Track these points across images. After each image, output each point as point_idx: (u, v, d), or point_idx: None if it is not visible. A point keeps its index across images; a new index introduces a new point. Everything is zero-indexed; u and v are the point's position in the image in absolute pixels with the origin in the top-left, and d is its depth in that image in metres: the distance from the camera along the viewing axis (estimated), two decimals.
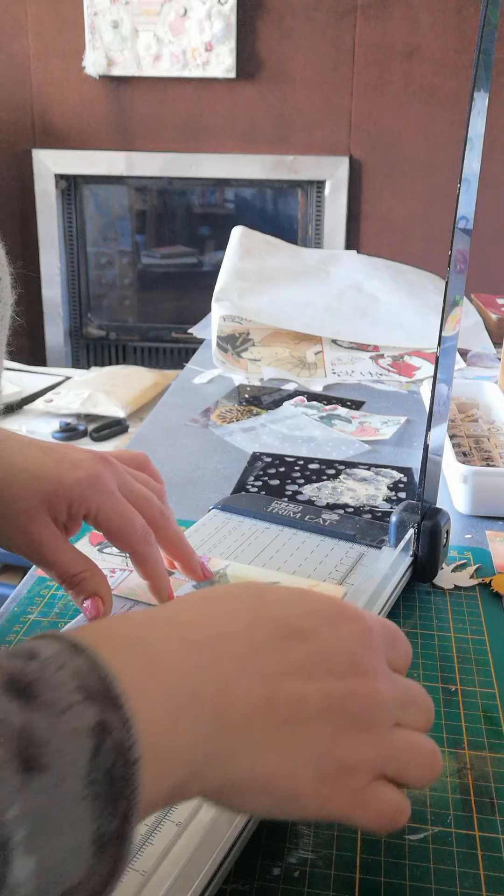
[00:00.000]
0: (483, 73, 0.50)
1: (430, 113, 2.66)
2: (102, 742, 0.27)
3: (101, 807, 0.27)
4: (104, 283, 3.11)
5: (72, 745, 0.26)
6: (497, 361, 1.22)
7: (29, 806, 0.25)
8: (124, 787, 0.27)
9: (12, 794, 0.25)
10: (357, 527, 0.68)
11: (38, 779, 0.25)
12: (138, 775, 0.28)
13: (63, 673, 0.28)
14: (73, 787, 0.26)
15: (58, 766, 0.26)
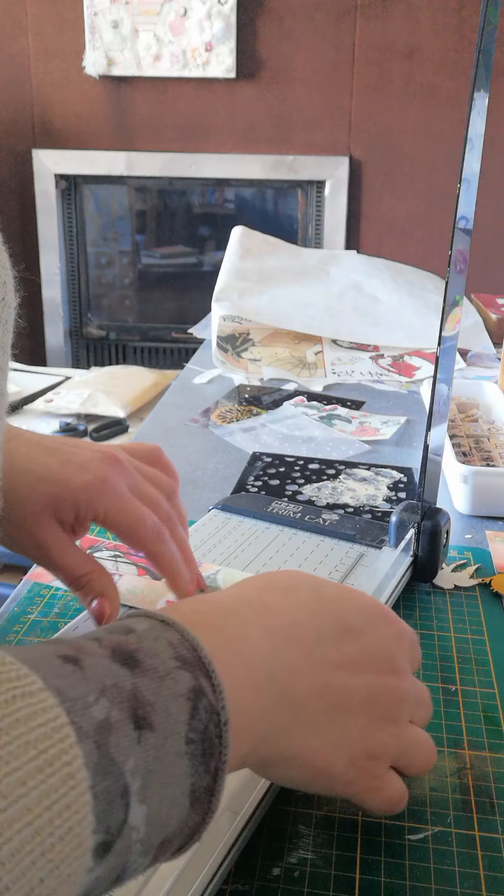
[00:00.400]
0: (483, 73, 0.50)
1: (430, 113, 2.66)
2: (197, 705, 0.30)
3: (196, 763, 0.30)
4: (104, 283, 3.11)
5: (174, 707, 0.29)
6: (497, 361, 1.22)
7: (142, 760, 0.28)
8: (215, 747, 0.30)
9: (129, 748, 0.28)
10: (357, 527, 0.68)
11: (147, 736, 0.28)
12: (227, 736, 0.31)
13: (159, 643, 0.31)
14: (175, 745, 0.29)
15: (163, 726, 0.29)
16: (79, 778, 0.26)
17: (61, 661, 0.28)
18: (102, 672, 0.29)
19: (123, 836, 0.27)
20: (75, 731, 0.26)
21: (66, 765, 0.25)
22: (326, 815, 0.43)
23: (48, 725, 0.26)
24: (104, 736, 0.27)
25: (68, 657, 0.28)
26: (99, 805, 0.26)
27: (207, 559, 0.63)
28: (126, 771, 0.27)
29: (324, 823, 0.42)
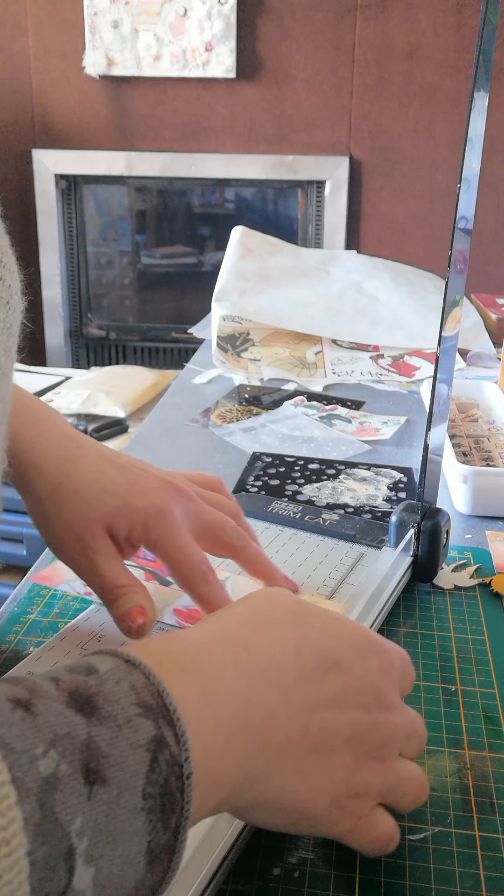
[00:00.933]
0: (483, 73, 0.50)
1: (430, 113, 2.66)
2: (158, 756, 0.28)
3: (154, 820, 0.28)
4: (104, 283, 3.11)
5: (131, 759, 0.28)
6: (497, 361, 1.22)
7: (91, 818, 0.26)
8: (177, 802, 0.29)
9: (77, 806, 0.26)
10: (357, 527, 0.68)
11: (99, 792, 0.26)
12: (189, 790, 0.29)
13: (121, 687, 0.29)
14: (131, 800, 0.27)
15: (118, 780, 0.27)
16: (14, 844, 0.24)
17: (12, 705, 0.27)
18: (55, 720, 0.27)
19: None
20: (16, 789, 0.24)
21: (1, 829, 0.24)
22: None
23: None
24: (49, 794, 0.25)
25: (20, 701, 0.27)
26: (36, 873, 0.24)
27: None
28: (72, 831, 0.25)
29: None
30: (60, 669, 0.30)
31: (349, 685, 0.37)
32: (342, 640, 0.39)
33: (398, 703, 0.40)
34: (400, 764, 0.39)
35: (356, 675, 0.38)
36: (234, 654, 0.35)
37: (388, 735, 0.38)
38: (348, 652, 0.38)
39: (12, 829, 0.24)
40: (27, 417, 0.53)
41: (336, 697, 0.37)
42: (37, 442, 0.52)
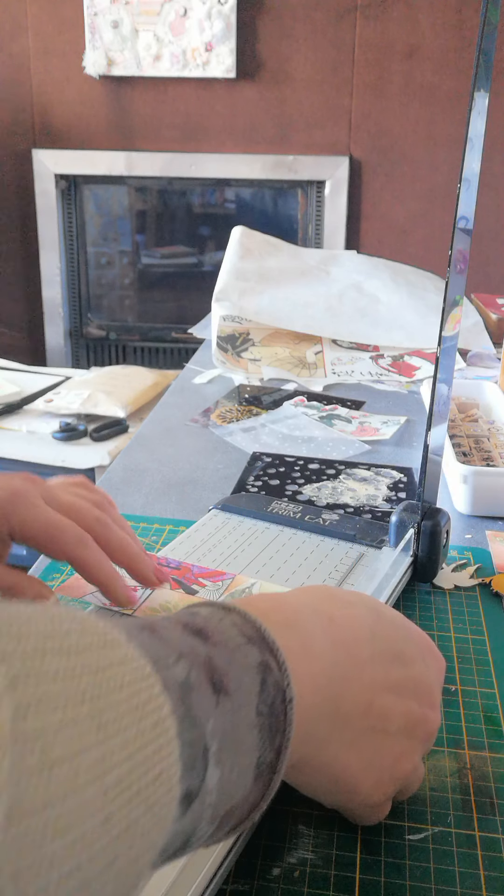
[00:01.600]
0: (483, 73, 0.50)
1: (430, 113, 2.66)
2: (266, 678, 0.31)
3: (263, 737, 0.30)
4: (104, 283, 3.11)
5: (246, 678, 0.30)
6: (497, 361, 1.22)
7: (219, 723, 0.28)
8: (281, 723, 0.31)
9: (209, 709, 0.28)
10: (357, 527, 0.68)
11: (224, 701, 0.29)
12: (292, 714, 0.32)
13: (224, 623, 0.32)
14: (248, 715, 0.30)
15: (237, 695, 0.29)
16: (167, 724, 0.26)
17: (138, 628, 0.29)
18: (178, 639, 0.29)
19: (201, 794, 0.27)
20: (161, 682, 0.26)
21: (155, 710, 0.25)
22: (326, 815, 0.43)
23: (136, 672, 0.26)
24: (187, 694, 0.27)
25: (144, 625, 0.29)
26: (185, 754, 0.26)
27: (207, 559, 0.63)
28: (206, 731, 0.28)
29: (324, 823, 0.42)
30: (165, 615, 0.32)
31: (410, 677, 0.40)
32: (409, 636, 0.42)
33: (440, 707, 0.43)
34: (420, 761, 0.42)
35: (417, 670, 0.41)
36: (321, 622, 0.37)
37: (431, 733, 0.41)
38: (413, 648, 0.41)
39: (164, 711, 0.26)
40: None
41: (398, 685, 0.39)
42: None
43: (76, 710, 0.23)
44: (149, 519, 0.74)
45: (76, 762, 0.22)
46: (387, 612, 0.42)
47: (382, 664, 0.39)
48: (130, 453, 0.90)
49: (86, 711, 0.23)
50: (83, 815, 0.22)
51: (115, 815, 0.23)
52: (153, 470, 0.86)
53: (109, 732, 0.24)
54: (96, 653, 0.25)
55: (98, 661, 0.25)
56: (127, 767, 0.24)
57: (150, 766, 0.25)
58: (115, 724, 0.24)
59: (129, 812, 0.24)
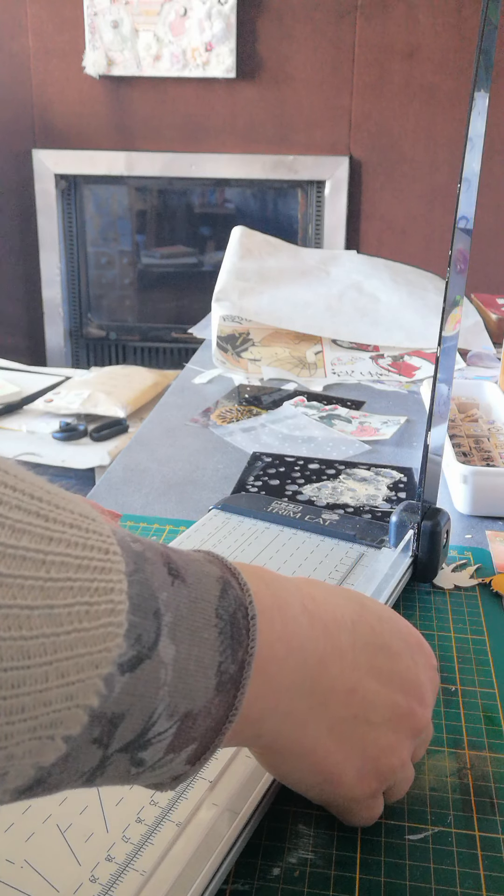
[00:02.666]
0: (483, 73, 0.50)
1: (430, 113, 2.66)
2: (227, 589, 0.31)
3: (224, 642, 0.30)
4: (104, 283, 3.11)
5: (204, 580, 0.30)
6: (497, 361, 1.22)
7: (173, 599, 0.28)
8: (243, 637, 0.30)
9: (163, 583, 0.28)
10: (357, 527, 0.68)
11: (180, 585, 0.29)
12: (254, 631, 0.31)
13: (187, 550, 0.32)
14: (205, 609, 0.29)
15: (195, 586, 0.29)
16: (115, 559, 0.26)
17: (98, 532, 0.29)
18: (136, 535, 0.29)
19: (154, 658, 0.27)
20: (117, 540, 0.27)
21: (102, 544, 0.26)
22: (326, 815, 0.43)
23: (91, 525, 0.26)
24: (141, 561, 0.27)
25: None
26: (133, 592, 0.26)
27: None
28: (159, 598, 0.27)
29: (324, 823, 0.42)
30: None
31: (395, 669, 0.39)
32: (395, 630, 0.40)
33: (431, 705, 0.41)
34: (409, 761, 0.41)
35: (404, 663, 0.39)
36: (301, 597, 0.36)
37: (419, 728, 0.40)
38: (399, 642, 0.40)
39: (112, 549, 0.26)
40: None
41: (382, 675, 0.38)
42: None
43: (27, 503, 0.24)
44: (149, 519, 0.74)
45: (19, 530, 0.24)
46: (373, 605, 0.41)
47: (365, 653, 0.38)
48: (130, 453, 0.90)
49: (35, 508, 0.24)
50: (23, 575, 0.23)
51: (54, 594, 0.24)
52: (153, 470, 0.86)
53: (54, 530, 0.25)
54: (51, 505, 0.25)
55: (55, 500, 0.26)
56: (72, 563, 0.24)
57: (94, 576, 0.25)
58: (62, 527, 0.25)
59: (70, 602, 0.24)
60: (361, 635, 0.38)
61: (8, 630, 0.22)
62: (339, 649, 0.36)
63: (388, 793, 0.41)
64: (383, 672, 0.38)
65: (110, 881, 0.35)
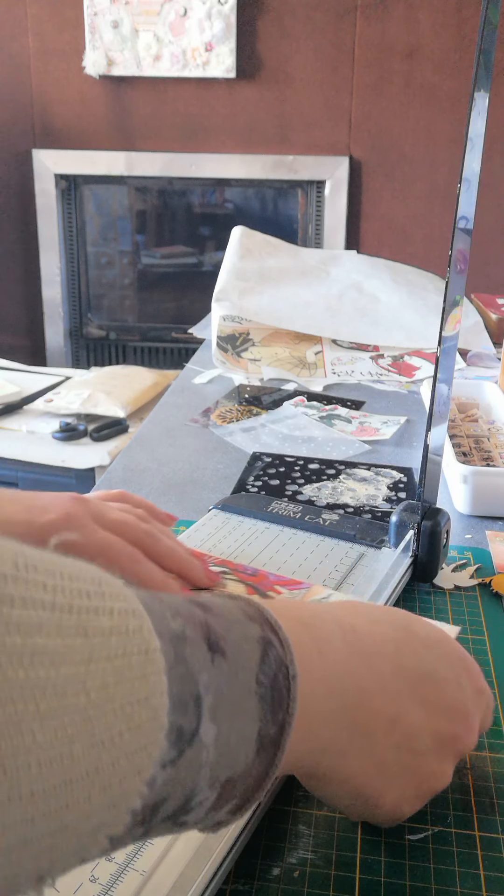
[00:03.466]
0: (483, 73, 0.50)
1: (430, 113, 2.66)
2: (268, 651, 0.31)
3: (265, 709, 0.30)
4: (104, 283, 3.11)
5: (245, 646, 0.30)
6: (497, 361, 1.22)
7: (214, 679, 0.28)
8: (283, 699, 0.31)
9: (203, 663, 0.28)
10: (357, 527, 0.68)
11: (220, 661, 0.29)
12: (295, 691, 0.31)
13: (227, 604, 0.32)
14: (246, 679, 0.29)
15: (235, 658, 0.29)
16: (156, 657, 0.26)
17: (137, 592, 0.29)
18: (176, 603, 0.29)
19: (196, 744, 0.27)
20: (154, 626, 0.26)
21: (144, 641, 0.26)
22: (326, 815, 0.43)
23: (128, 607, 0.26)
24: (180, 645, 0.27)
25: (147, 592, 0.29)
26: (174, 690, 0.26)
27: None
28: (199, 682, 0.28)
29: (324, 823, 0.42)
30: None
31: (442, 696, 0.39)
32: (443, 655, 0.40)
33: (477, 731, 0.41)
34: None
35: (450, 691, 0.39)
36: (341, 630, 0.36)
37: (466, 752, 0.41)
38: (447, 668, 0.40)
39: (153, 646, 0.26)
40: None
41: (428, 702, 0.38)
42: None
43: (62, 615, 0.23)
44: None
45: (58, 658, 0.23)
46: (420, 628, 0.40)
47: (408, 682, 0.38)
48: (130, 453, 0.90)
49: (73, 622, 0.24)
50: (64, 708, 0.22)
51: (96, 720, 0.23)
52: (153, 470, 0.86)
53: (94, 644, 0.24)
54: (89, 583, 0.25)
55: (90, 587, 0.25)
56: (111, 680, 0.24)
57: (135, 687, 0.25)
58: (101, 639, 0.24)
59: (112, 723, 0.24)
60: (405, 664, 0.38)
61: (50, 765, 0.22)
62: (380, 681, 0.36)
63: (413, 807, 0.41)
64: (428, 700, 0.38)
65: (110, 881, 0.35)
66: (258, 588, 0.59)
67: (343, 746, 0.35)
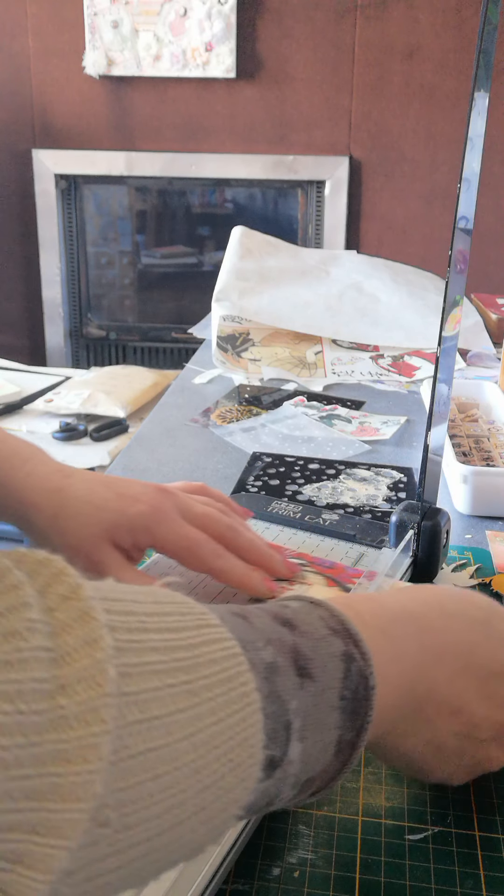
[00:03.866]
0: (483, 73, 0.50)
1: (430, 113, 2.66)
2: (350, 667, 0.34)
3: (346, 719, 0.34)
4: (104, 283, 3.11)
5: (330, 665, 0.33)
6: (497, 361, 1.22)
7: (303, 703, 0.32)
8: (362, 708, 0.34)
9: (293, 691, 0.32)
10: (357, 527, 0.68)
11: (308, 684, 0.32)
12: (373, 700, 0.34)
13: (311, 616, 0.35)
14: (331, 697, 0.33)
15: (321, 678, 0.33)
16: (252, 699, 0.29)
17: (232, 615, 0.32)
18: (266, 628, 0.33)
19: (284, 764, 0.31)
20: (248, 662, 0.30)
21: (242, 685, 0.29)
22: (326, 815, 0.43)
23: (226, 651, 0.30)
24: (272, 676, 0.31)
25: (237, 613, 0.33)
26: (268, 727, 0.30)
27: None
28: (290, 710, 0.31)
29: (324, 823, 0.42)
30: (257, 604, 0.36)
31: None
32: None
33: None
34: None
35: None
36: (419, 631, 0.39)
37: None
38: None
39: (250, 687, 0.30)
40: (15, 460, 0.56)
41: (493, 696, 0.41)
42: (27, 481, 0.55)
43: (172, 678, 0.27)
44: None
45: (170, 720, 0.27)
46: (499, 625, 0.43)
47: (477, 677, 0.40)
48: (130, 453, 0.90)
49: (181, 680, 0.27)
50: (176, 764, 0.26)
51: (203, 770, 0.27)
52: (153, 470, 0.86)
53: (200, 699, 0.28)
54: (192, 631, 0.29)
55: (193, 639, 0.29)
56: (215, 730, 0.28)
57: (235, 732, 0.29)
58: (206, 693, 0.28)
59: (216, 769, 0.28)
60: (476, 661, 0.41)
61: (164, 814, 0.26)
62: (449, 677, 0.39)
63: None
64: (494, 695, 0.41)
65: None
66: (339, 581, 0.60)
67: (405, 729, 0.39)
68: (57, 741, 0.24)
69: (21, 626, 0.24)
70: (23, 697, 0.23)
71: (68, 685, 0.24)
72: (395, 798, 0.44)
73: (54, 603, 0.26)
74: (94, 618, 0.26)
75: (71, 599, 0.26)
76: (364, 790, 0.45)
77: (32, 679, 0.24)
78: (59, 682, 0.24)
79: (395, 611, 0.39)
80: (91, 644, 0.25)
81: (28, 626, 0.24)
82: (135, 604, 0.28)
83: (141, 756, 0.25)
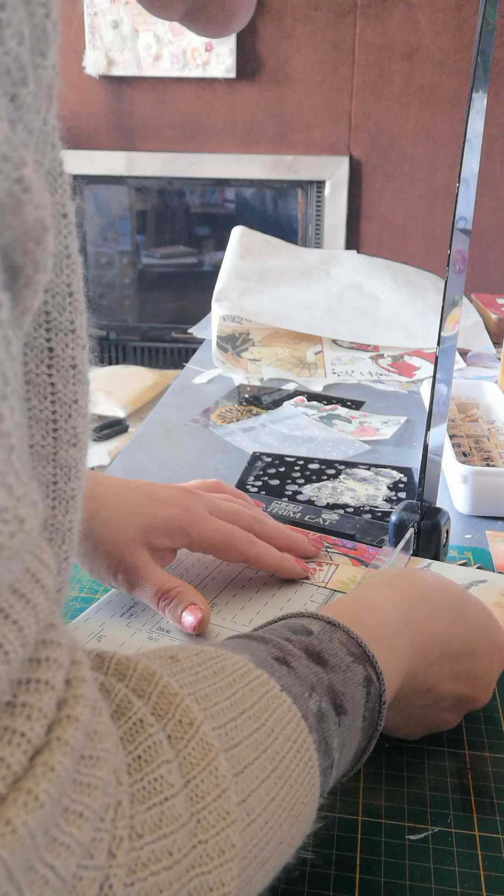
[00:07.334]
0: (482, 73, 0.50)
1: (430, 113, 2.66)
2: (370, 690, 0.39)
3: (365, 735, 0.39)
4: (104, 282, 3.11)
5: (357, 694, 0.38)
6: (497, 361, 1.22)
7: (341, 738, 0.37)
8: (376, 720, 0.39)
9: (335, 731, 0.36)
10: (357, 527, 0.68)
11: (344, 720, 0.37)
12: (384, 712, 0.40)
13: (333, 643, 0.39)
14: (357, 722, 0.38)
15: (352, 710, 0.38)
16: (313, 762, 0.34)
17: (277, 662, 0.36)
18: (307, 672, 0.37)
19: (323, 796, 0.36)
20: (306, 723, 0.34)
21: (306, 750, 0.34)
22: (326, 815, 0.43)
23: (292, 721, 0.34)
24: (320, 724, 0.35)
25: (279, 658, 0.37)
26: (322, 778, 0.35)
27: (207, 558, 0.63)
28: (334, 748, 0.36)
29: (323, 823, 0.42)
30: (283, 629, 0.40)
31: (473, 670, 0.47)
32: (486, 635, 0.47)
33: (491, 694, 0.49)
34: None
35: (481, 665, 0.47)
36: (411, 632, 0.43)
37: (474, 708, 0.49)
38: (484, 646, 0.47)
39: (311, 751, 0.34)
40: None
41: (460, 675, 0.46)
42: None
43: (258, 756, 0.32)
44: None
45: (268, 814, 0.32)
46: (472, 611, 0.48)
47: (450, 660, 0.45)
48: (130, 453, 0.90)
49: (266, 757, 0.32)
50: (267, 837, 0.32)
51: (283, 830, 0.33)
52: (153, 470, 0.86)
53: (284, 782, 0.33)
54: (266, 713, 0.33)
55: (267, 718, 0.33)
56: (291, 796, 0.33)
57: (304, 794, 0.34)
58: (286, 773, 0.33)
59: (290, 827, 0.33)
60: (451, 648, 0.45)
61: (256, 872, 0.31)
62: (428, 663, 0.44)
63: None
64: (461, 674, 0.46)
65: None
66: (363, 560, 0.63)
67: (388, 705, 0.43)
68: (200, 874, 0.28)
69: (161, 772, 0.28)
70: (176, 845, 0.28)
71: (203, 819, 0.29)
72: (395, 798, 0.44)
73: (174, 731, 0.30)
74: (210, 745, 0.30)
75: (185, 724, 0.30)
76: (364, 790, 0.45)
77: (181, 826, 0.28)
78: (196, 819, 0.29)
79: (393, 618, 0.43)
80: (213, 773, 0.30)
81: (168, 770, 0.29)
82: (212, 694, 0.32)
83: (254, 821, 0.31)
